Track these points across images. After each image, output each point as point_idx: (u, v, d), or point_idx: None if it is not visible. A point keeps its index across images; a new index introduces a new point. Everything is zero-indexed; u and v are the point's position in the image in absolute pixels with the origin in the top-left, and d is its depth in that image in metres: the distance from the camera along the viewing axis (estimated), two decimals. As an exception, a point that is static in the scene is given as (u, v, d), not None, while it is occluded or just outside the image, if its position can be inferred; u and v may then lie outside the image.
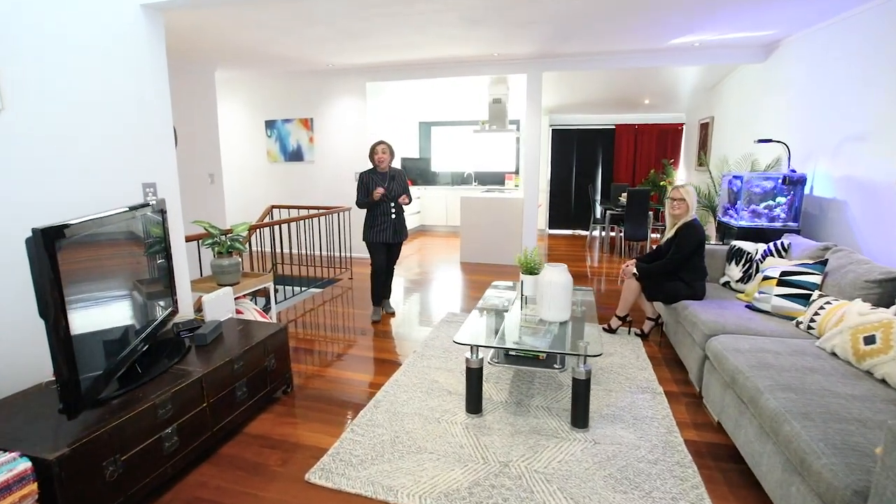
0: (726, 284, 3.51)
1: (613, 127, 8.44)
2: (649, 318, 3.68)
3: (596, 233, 8.03)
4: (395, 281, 4.94)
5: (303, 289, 5.04)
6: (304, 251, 5.45)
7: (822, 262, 2.83)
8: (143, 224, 2.30)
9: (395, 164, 4.39)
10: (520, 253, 3.14)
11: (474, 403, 2.51)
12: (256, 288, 3.51)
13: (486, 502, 1.85)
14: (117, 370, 1.90)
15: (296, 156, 6.80)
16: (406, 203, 3.95)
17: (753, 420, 1.97)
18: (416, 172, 9.21)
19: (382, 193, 3.81)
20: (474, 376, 2.47)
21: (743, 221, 3.99)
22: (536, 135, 5.77)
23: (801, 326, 2.59)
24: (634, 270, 3.43)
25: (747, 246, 3.44)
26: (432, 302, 4.70)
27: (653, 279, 3.36)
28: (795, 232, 3.68)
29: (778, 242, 3.30)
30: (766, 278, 2.92)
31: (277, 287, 4.36)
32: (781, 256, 3.22)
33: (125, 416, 1.74)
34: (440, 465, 2.09)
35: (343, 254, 5.72)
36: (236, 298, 3.20)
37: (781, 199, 3.90)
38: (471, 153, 9.30)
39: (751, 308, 2.93)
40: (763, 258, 3.26)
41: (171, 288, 2.58)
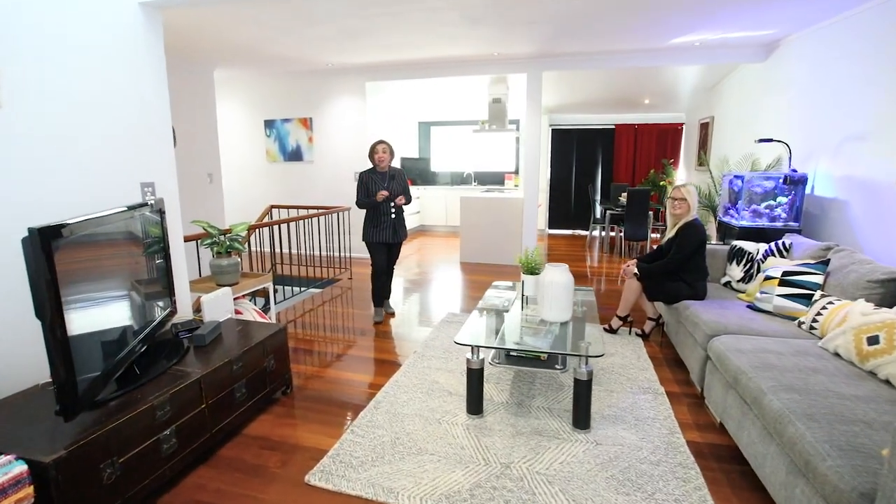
0: (727, 284, 3.50)
1: (613, 127, 8.43)
2: (650, 319, 3.67)
3: (596, 233, 8.02)
4: (395, 281, 4.92)
5: (302, 289, 5.02)
6: (303, 251, 5.43)
7: (824, 262, 2.82)
8: (141, 224, 2.29)
9: (395, 164, 4.37)
10: (520, 253, 3.13)
11: (475, 404, 2.49)
12: (256, 288, 3.50)
13: (488, 504, 1.84)
14: (115, 371, 1.88)
15: (295, 155, 6.79)
16: (403, 203, 3.93)
17: (757, 421, 1.95)
18: (416, 172, 9.20)
19: (386, 196, 3.80)
20: (475, 377, 2.45)
21: (744, 221, 3.98)
22: (536, 134, 5.76)
23: (804, 327, 2.58)
24: (635, 270, 3.42)
25: (748, 246, 3.43)
26: (432, 302, 4.68)
27: (654, 279, 3.35)
28: (796, 232, 3.67)
29: (779, 242, 3.29)
30: (767, 278, 2.91)
31: (277, 287, 4.34)
32: (783, 256, 3.20)
33: (123, 418, 1.72)
34: (441, 467, 2.07)
35: (342, 254, 5.70)
36: (235, 299, 3.19)
37: (782, 199, 3.89)
38: (470, 153, 9.28)
39: (752, 308, 2.92)
40: (764, 258, 3.25)
41: (169, 288, 2.56)
